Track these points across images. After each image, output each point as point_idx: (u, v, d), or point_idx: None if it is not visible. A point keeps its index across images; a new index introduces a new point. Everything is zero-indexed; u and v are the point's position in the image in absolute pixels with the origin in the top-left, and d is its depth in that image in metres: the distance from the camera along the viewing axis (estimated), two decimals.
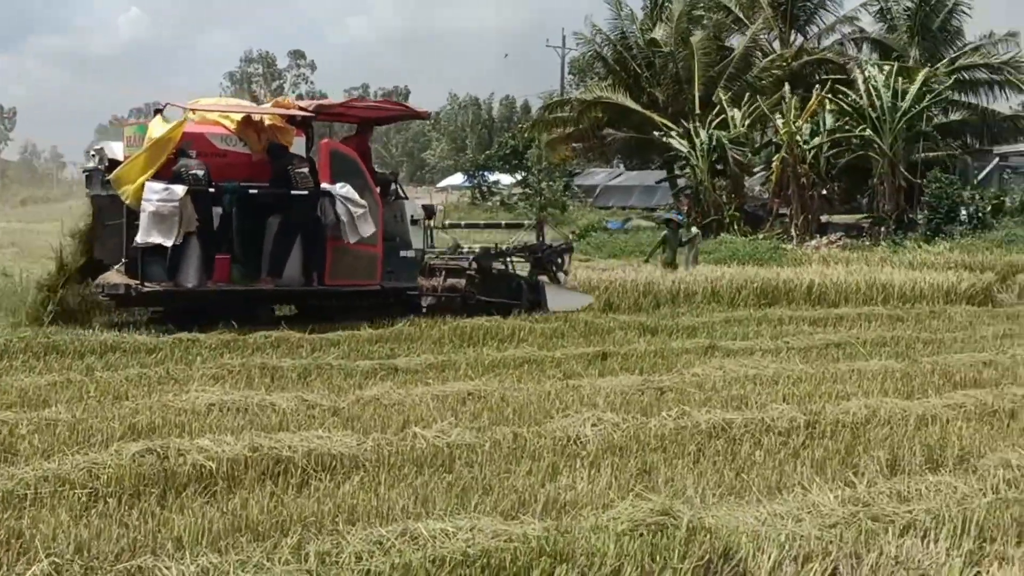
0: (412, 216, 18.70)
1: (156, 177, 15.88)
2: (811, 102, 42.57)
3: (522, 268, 20.51)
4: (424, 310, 18.30)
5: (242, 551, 6.06)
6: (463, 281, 19.01)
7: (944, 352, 15.19)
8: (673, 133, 44.02)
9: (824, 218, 42.75)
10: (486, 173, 73.39)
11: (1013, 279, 26.26)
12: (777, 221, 42.34)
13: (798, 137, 41.52)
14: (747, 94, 45.04)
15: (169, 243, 15.80)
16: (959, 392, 11.60)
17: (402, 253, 18.19)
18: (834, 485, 7.85)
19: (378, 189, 17.88)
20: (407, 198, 19.39)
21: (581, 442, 8.99)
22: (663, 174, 52.72)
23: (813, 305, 21.37)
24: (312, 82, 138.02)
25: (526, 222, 24.14)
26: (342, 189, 16.98)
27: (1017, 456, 8.47)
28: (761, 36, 52.30)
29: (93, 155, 18.17)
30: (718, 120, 43.16)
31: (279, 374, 12.15)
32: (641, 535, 6.37)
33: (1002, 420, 10.42)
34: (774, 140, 44.74)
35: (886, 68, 42.19)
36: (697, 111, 44.94)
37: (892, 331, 17.48)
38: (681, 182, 48.06)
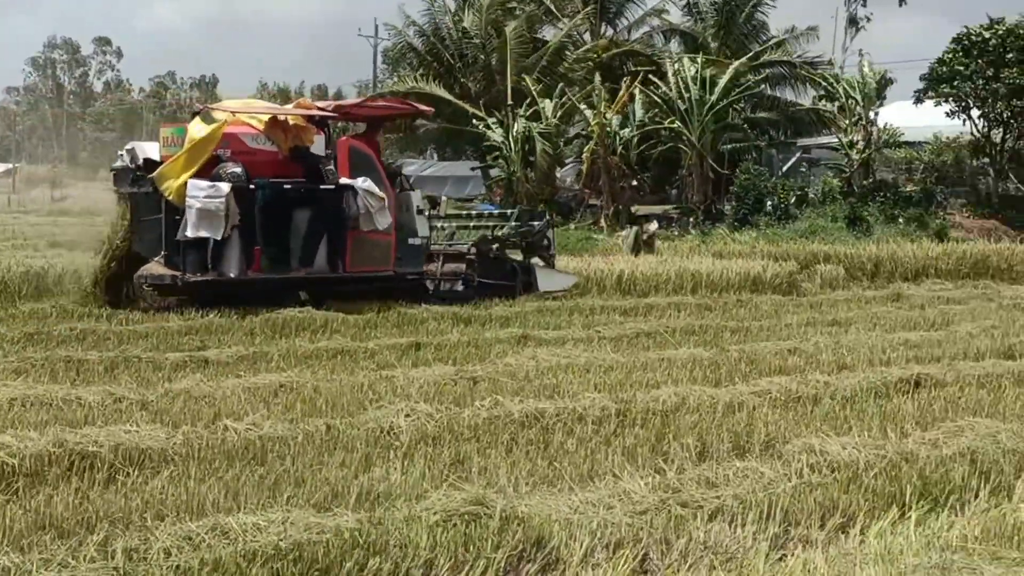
0: (417, 206, 20.20)
1: (197, 175, 17.44)
2: (621, 94, 43.07)
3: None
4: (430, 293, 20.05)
5: (46, 550, 5.91)
6: (463, 266, 20.68)
7: (751, 340, 15.51)
8: (487, 123, 44.11)
9: (634, 208, 43.28)
10: None
11: (815, 268, 26.91)
12: (588, 211, 42.74)
13: (608, 129, 41.96)
14: (559, 86, 45.33)
15: (218, 236, 17.35)
16: (765, 379, 11.83)
17: (410, 241, 19.76)
18: (645, 472, 7.96)
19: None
20: (413, 189, 21.22)
21: (395, 433, 8.97)
22: (476, 164, 52.76)
23: (624, 295, 21.62)
24: (118, 70, 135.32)
25: (509, 211, 25.79)
26: (364, 184, 18.60)
27: (820, 441, 8.67)
28: (574, 28, 52.70)
29: (122, 154, 19.25)
30: (530, 111, 43.39)
31: (85, 367, 11.88)
32: (455, 525, 6.38)
33: (806, 406, 10.67)
34: (584, 132, 45.15)
35: (698, 61, 42.89)
36: (510, 102, 45.10)
37: (701, 320, 17.78)
38: (494, 172, 48.16)
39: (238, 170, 17.65)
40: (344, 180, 18.52)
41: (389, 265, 19.34)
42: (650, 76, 44.52)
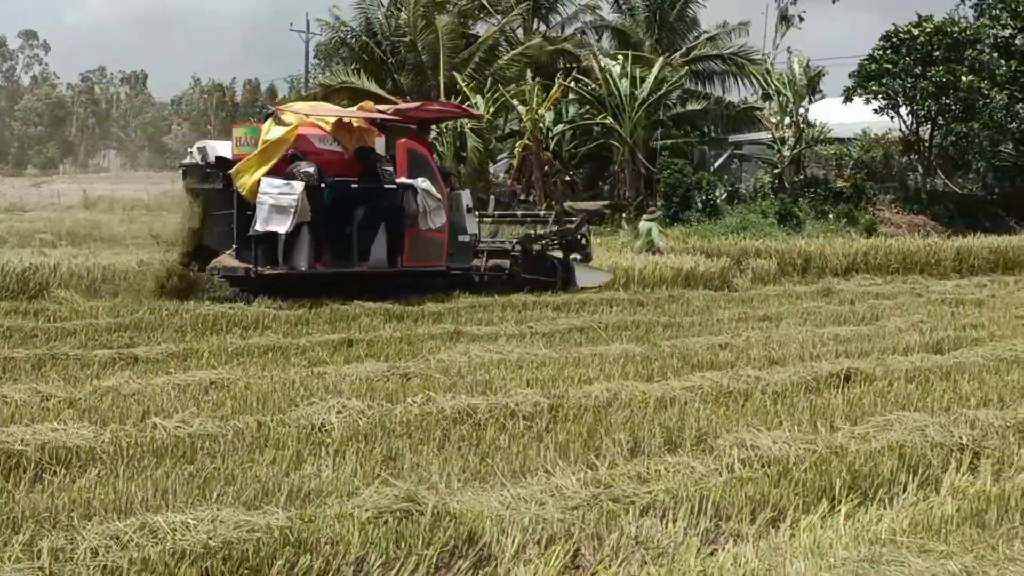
0: (467, 205, 21.40)
1: (270, 173, 18.41)
2: (553, 90, 43.18)
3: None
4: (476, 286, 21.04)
5: None
6: (507, 262, 21.97)
7: (683, 336, 15.56)
8: None
9: (567, 204, 43.39)
10: None
11: (747, 264, 27.06)
12: (520, 207, 42.80)
13: (541, 125, 42.04)
14: (491, 81, 45.34)
15: (284, 231, 18.28)
16: (697, 374, 11.88)
17: (460, 238, 20.87)
18: (577, 468, 7.96)
19: None
20: (464, 189, 23.05)
21: (326, 430, 8.92)
22: None
23: (556, 291, 21.64)
24: (46, 63, 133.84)
25: (542, 212, 28.18)
26: (423, 183, 19.76)
27: (751, 436, 8.72)
28: (506, 25, 52.70)
29: (191, 152, 20.50)
30: None
31: (11, 365, 11.71)
32: (386, 522, 6.35)
33: (737, 401, 10.72)
34: (517, 128, 45.20)
35: (620, 58, 43.04)
36: (442, 98, 45.03)
37: (633, 315, 17.82)
38: None
39: (311, 170, 18.61)
40: (404, 180, 19.62)
41: (442, 261, 20.38)
42: (581, 73, 44.63)
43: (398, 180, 19.50)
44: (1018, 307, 20.92)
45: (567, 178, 43.97)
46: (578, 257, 23.00)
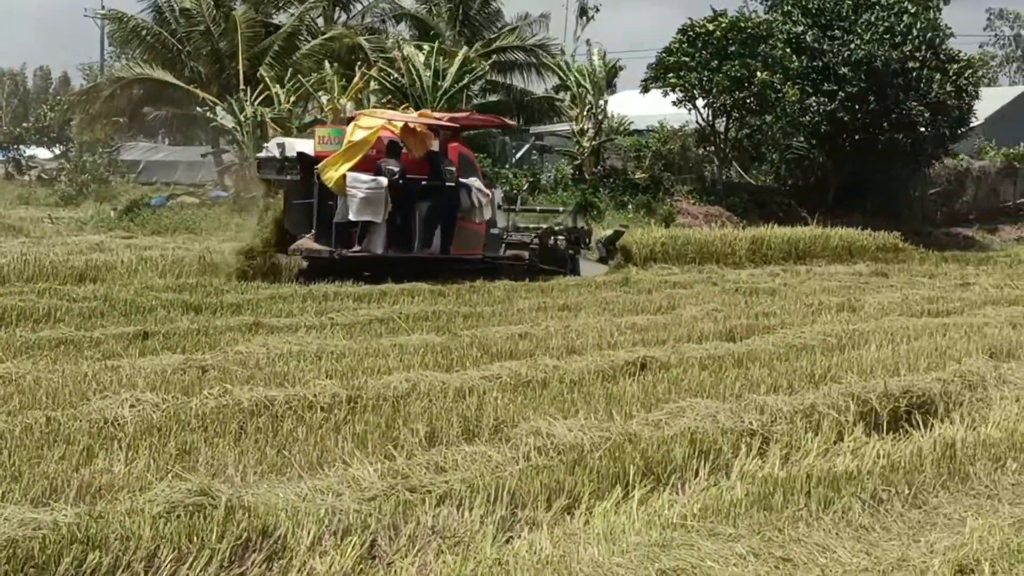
0: (498, 202, 25.17)
1: (355, 169, 21.47)
2: (355, 80, 42.93)
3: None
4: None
5: None
6: (526, 252, 25.07)
7: (483, 325, 15.63)
8: (217, 109, 43.40)
9: None
10: (22, 147, 70.86)
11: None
12: None
13: (343, 115, 41.76)
14: (291, 71, 44.87)
15: (379, 220, 21.64)
16: (496, 364, 11.96)
17: (492, 230, 24.35)
18: (374, 459, 7.96)
19: None
20: (496, 187, 27.37)
21: (119, 424, 8.74)
22: (208, 150, 51.89)
23: (358, 281, 21.56)
24: None
25: (561, 208, 31.45)
26: (476, 183, 23.27)
27: (547, 424, 8.80)
28: (307, 13, 52.20)
29: (267, 146, 23.65)
30: (263, 97, 42.88)
31: None
32: (178, 517, 6.25)
33: (535, 390, 10.80)
34: (319, 117, 44.84)
35: (425, 48, 43.05)
36: (243, 86, 44.46)
37: (434, 306, 17.82)
38: (227, 158, 47.43)
39: (396, 168, 21.79)
40: (462, 180, 22.89)
41: (479, 250, 23.75)
42: (383, 63, 44.49)
43: (459, 179, 22.79)
44: (809, 296, 21.55)
45: None
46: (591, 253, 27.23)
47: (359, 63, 45.87)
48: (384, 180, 21.51)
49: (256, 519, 6.25)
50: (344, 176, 21.35)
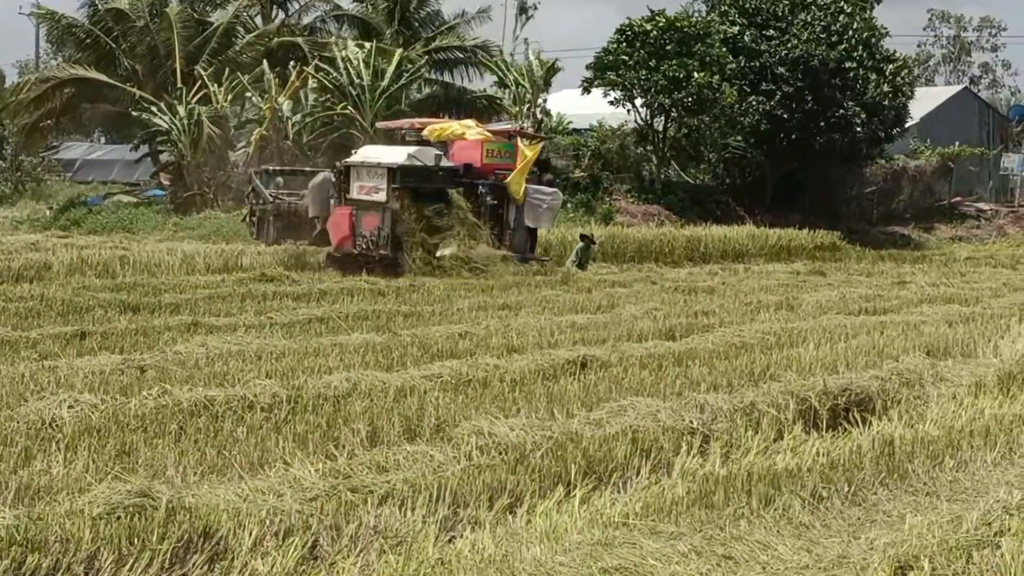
0: None
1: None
2: (292, 79, 42.74)
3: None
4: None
5: None
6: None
7: (423, 324, 15.60)
8: (152, 108, 43.06)
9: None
10: None
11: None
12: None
13: (280, 114, 41.59)
14: (228, 69, 44.59)
15: (550, 227, 27.81)
16: (437, 363, 11.95)
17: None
18: (316, 459, 7.95)
19: None
20: None
21: (57, 425, 8.67)
22: (145, 149, 51.42)
23: (296, 280, 21.46)
24: None
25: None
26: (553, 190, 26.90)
27: (489, 424, 8.81)
28: (244, 11, 51.89)
29: (362, 153, 25.92)
30: (200, 95, 42.61)
31: None
32: (119, 518, 6.22)
33: (476, 389, 10.81)
34: (255, 116, 44.59)
35: (366, 47, 42.92)
36: (179, 85, 44.12)
37: (374, 305, 17.77)
38: (164, 157, 47.04)
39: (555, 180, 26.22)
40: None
41: (532, 249, 26.35)
42: (321, 62, 44.31)
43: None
44: (747, 294, 21.67)
45: (307, 168, 43.59)
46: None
47: (295, 63, 45.61)
48: (559, 192, 25.99)
49: (197, 520, 6.22)
50: (525, 190, 25.08)
